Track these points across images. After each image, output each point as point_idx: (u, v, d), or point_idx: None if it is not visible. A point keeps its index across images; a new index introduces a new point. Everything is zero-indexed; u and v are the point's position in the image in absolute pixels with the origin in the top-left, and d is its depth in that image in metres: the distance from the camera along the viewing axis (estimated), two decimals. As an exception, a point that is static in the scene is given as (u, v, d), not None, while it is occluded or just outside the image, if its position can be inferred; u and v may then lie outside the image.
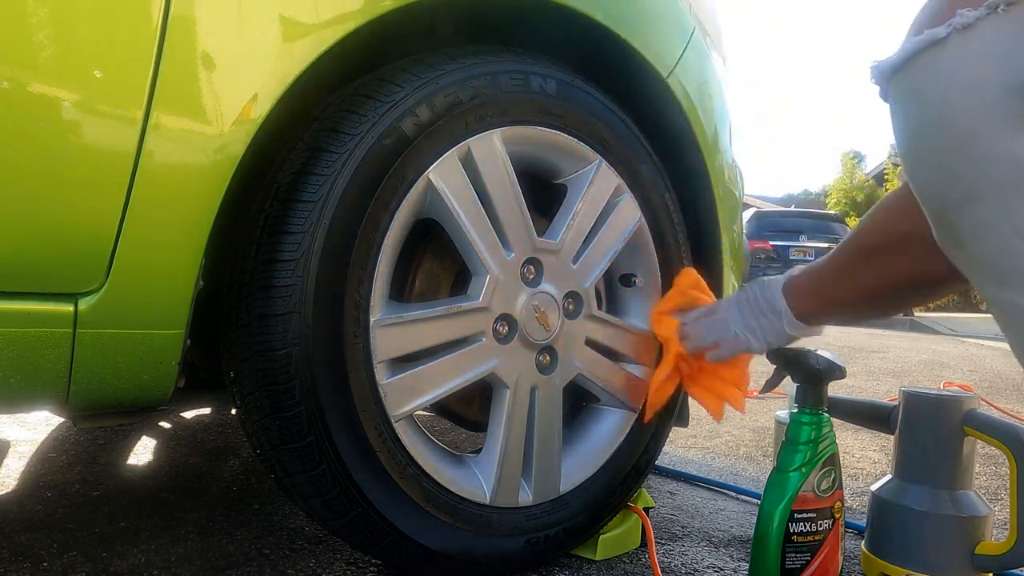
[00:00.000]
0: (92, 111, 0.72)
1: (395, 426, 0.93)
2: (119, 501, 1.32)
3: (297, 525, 1.23)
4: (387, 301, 0.93)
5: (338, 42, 0.84)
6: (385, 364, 0.92)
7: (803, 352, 1.04)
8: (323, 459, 0.87)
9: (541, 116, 1.03)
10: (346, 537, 0.95)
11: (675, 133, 1.22)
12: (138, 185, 0.74)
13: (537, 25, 1.09)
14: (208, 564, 1.05)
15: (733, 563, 1.18)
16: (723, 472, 1.80)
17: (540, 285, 1.04)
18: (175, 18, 0.74)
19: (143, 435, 1.83)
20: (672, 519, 1.40)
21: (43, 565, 1.03)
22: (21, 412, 1.37)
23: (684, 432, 2.24)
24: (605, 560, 1.15)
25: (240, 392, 0.90)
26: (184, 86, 0.76)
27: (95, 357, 0.75)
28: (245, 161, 0.80)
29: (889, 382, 3.48)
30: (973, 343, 5.87)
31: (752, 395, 2.93)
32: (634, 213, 1.15)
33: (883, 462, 1.95)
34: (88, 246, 0.73)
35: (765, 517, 0.99)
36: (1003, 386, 3.51)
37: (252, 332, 0.86)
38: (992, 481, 1.80)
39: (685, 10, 1.23)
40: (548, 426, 1.06)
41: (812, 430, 1.01)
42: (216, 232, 0.80)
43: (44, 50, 0.69)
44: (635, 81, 1.17)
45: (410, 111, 0.91)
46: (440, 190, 0.94)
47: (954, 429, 1.07)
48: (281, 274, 0.85)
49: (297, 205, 0.86)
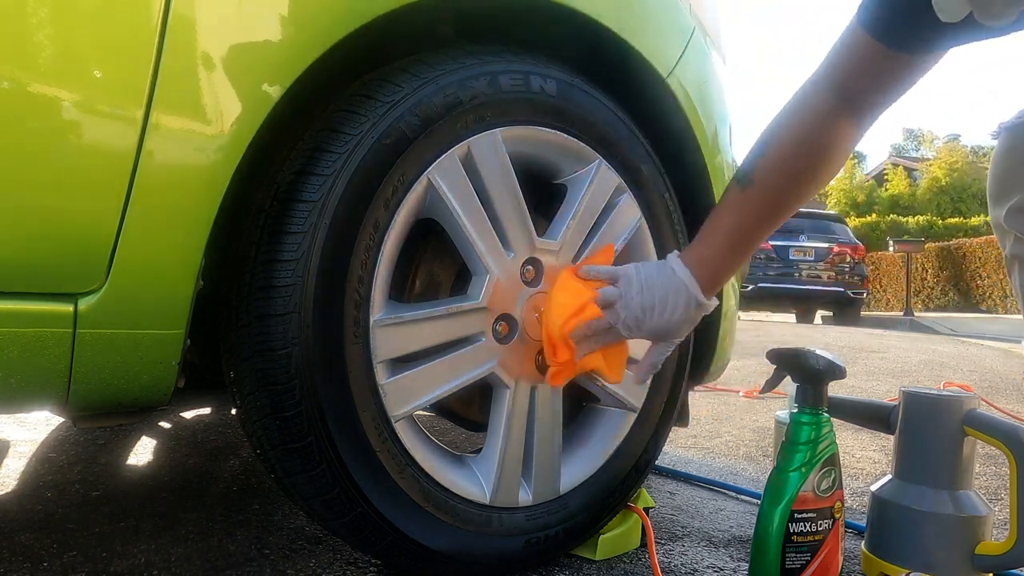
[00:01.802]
0: (92, 111, 0.72)
1: (395, 426, 0.93)
2: (119, 501, 1.32)
3: (297, 525, 1.23)
4: (387, 301, 0.93)
5: (338, 42, 0.84)
6: (385, 364, 0.92)
7: (803, 352, 1.04)
8: (323, 459, 0.87)
9: (541, 116, 1.03)
10: (346, 537, 0.95)
11: (675, 133, 1.22)
12: (138, 185, 0.74)
13: (537, 25, 1.09)
14: (208, 564, 1.05)
15: (733, 563, 1.18)
16: (723, 472, 1.80)
17: (540, 285, 1.04)
18: (175, 18, 0.74)
19: (143, 435, 1.83)
20: (672, 519, 1.40)
21: (43, 565, 1.03)
22: (21, 412, 1.37)
23: (684, 432, 2.24)
24: (605, 560, 1.15)
25: (240, 392, 0.90)
26: (184, 86, 0.76)
27: (95, 357, 0.75)
28: (245, 161, 0.80)
29: (889, 382, 3.48)
30: (973, 343, 5.86)
31: (752, 395, 2.95)
32: (634, 213, 1.15)
33: (883, 462, 1.95)
34: (88, 246, 0.73)
35: (765, 517, 0.99)
36: (1003, 386, 3.51)
37: (252, 332, 0.86)
38: (992, 481, 1.80)
39: (685, 10, 1.23)
40: (548, 426, 1.06)
41: (812, 430, 1.01)
42: (216, 232, 0.80)
43: (44, 50, 0.69)
44: (635, 81, 1.17)
45: (410, 111, 0.91)
46: (440, 190, 0.94)
47: (954, 429, 1.07)
48: (281, 274, 0.85)
49: (297, 205, 0.86)
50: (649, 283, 0.96)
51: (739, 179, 0.96)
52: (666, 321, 0.96)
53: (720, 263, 0.97)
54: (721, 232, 0.97)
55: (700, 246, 0.98)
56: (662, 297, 0.95)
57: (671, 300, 0.95)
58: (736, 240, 0.97)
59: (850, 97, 0.89)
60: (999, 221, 1.23)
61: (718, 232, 0.97)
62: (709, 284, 0.97)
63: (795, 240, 10.17)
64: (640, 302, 0.96)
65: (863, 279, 10.53)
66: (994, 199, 1.24)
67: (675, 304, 0.95)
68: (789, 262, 10.11)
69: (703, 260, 0.97)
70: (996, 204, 1.23)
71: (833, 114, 0.90)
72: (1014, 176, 1.19)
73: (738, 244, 0.97)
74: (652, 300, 0.95)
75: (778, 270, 10.06)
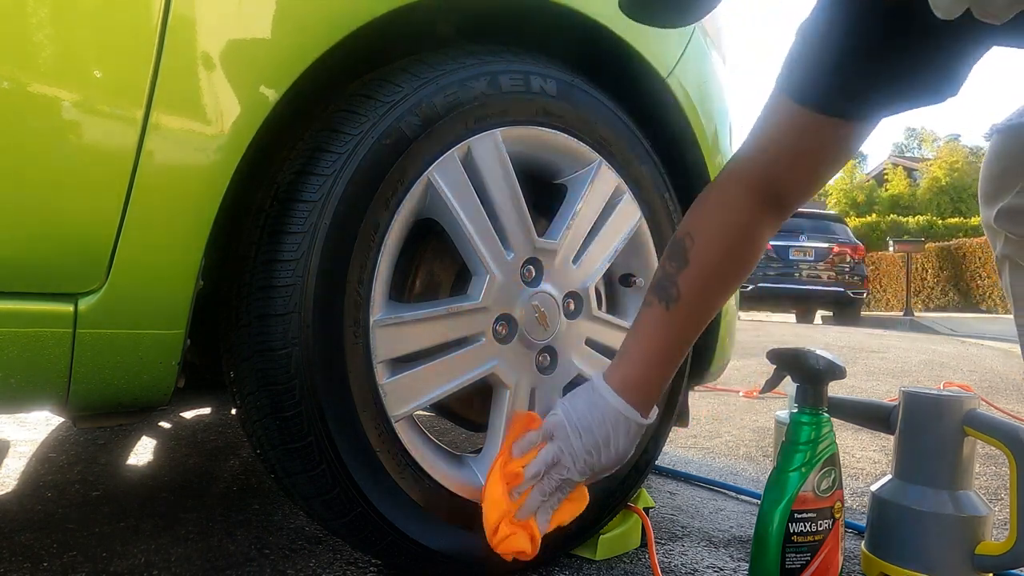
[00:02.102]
0: (92, 111, 0.72)
1: (395, 426, 0.93)
2: (119, 501, 1.32)
3: (297, 525, 1.23)
4: (387, 301, 0.93)
5: (339, 42, 0.84)
6: (385, 364, 0.92)
7: (803, 352, 1.04)
8: (323, 459, 0.87)
9: (541, 116, 1.03)
10: (346, 537, 0.95)
11: (675, 133, 1.22)
12: (138, 185, 0.74)
13: (537, 25, 1.09)
14: (208, 564, 1.05)
15: (733, 563, 1.18)
16: (723, 472, 1.80)
17: (540, 285, 1.04)
18: (175, 18, 0.74)
19: (143, 435, 1.83)
20: (672, 519, 1.40)
21: (43, 565, 1.03)
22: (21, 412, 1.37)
23: (684, 432, 2.24)
24: (605, 560, 1.15)
25: (240, 392, 0.90)
26: (184, 86, 0.76)
27: (95, 357, 0.75)
28: (245, 161, 0.80)
29: (889, 382, 3.48)
30: (973, 343, 5.86)
31: (752, 395, 2.95)
32: (634, 213, 1.15)
33: (883, 462, 1.95)
34: (88, 246, 0.73)
35: (765, 517, 0.99)
36: (1003, 386, 3.51)
37: (252, 332, 0.86)
38: (992, 481, 1.80)
39: (685, 10, 1.22)
40: (548, 426, 1.06)
41: (812, 430, 1.00)
42: (216, 232, 0.80)
43: (44, 50, 0.69)
44: (635, 81, 1.17)
45: (410, 111, 0.91)
46: (440, 190, 0.94)
47: (954, 429, 1.07)
48: (281, 274, 0.85)
49: (297, 205, 0.86)
50: (585, 423, 0.93)
51: (662, 296, 0.92)
52: (615, 453, 0.94)
53: (652, 383, 0.95)
54: (651, 352, 0.94)
55: (628, 369, 0.95)
56: (603, 434, 0.93)
57: (612, 433, 0.93)
58: (666, 358, 0.95)
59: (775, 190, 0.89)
60: (990, 222, 1.24)
61: (647, 352, 0.94)
62: (644, 404, 0.95)
63: (795, 240, 10.18)
64: (583, 445, 0.93)
65: (863, 279, 10.53)
66: (986, 200, 1.24)
67: (617, 435, 0.93)
68: (789, 262, 10.11)
69: (635, 384, 0.94)
70: (987, 205, 1.24)
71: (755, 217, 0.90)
72: (1006, 177, 1.19)
73: (668, 361, 0.95)
74: (594, 439, 0.92)
75: (778, 270, 10.06)
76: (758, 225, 0.92)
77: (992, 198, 1.22)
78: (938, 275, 16.03)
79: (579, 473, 0.94)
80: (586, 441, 0.93)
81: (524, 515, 0.94)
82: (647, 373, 0.95)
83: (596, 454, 0.93)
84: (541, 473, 0.94)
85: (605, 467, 0.95)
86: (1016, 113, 1.19)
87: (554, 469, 0.94)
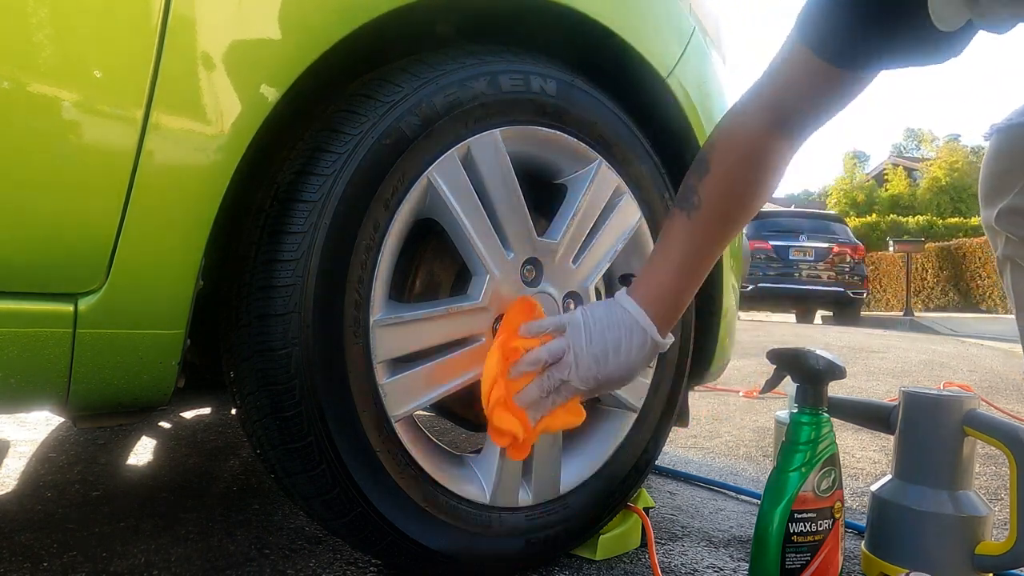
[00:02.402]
0: (92, 111, 0.72)
1: (395, 426, 0.93)
2: (119, 501, 1.32)
3: (297, 525, 1.23)
4: (387, 301, 0.93)
5: (338, 42, 0.84)
6: (385, 364, 0.92)
7: (803, 352, 1.04)
8: (323, 459, 0.87)
9: (541, 116, 1.03)
10: (346, 537, 0.95)
11: (675, 133, 1.22)
12: (138, 185, 0.74)
13: (537, 25, 1.09)
14: (208, 564, 1.05)
15: (733, 563, 1.18)
16: (723, 472, 1.80)
17: (540, 285, 1.04)
18: (175, 18, 0.74)
19: (143, 435, 1.83)
20: (672, 519, 1.40)
21: (43, 565, 1.03)
22: (21, 412, 1.37)
23: (684, 432, 2.24)
24: (605, 560, 1.15)
25: (240, 392, 0.90)
26: (184, 86, 0.76)
27: (95, 357, 0.75)
28: (245, 161, 0.80)
29: (889, 382, 3.48)
30: (973, 343, 5.86)
31: (752, 395, 2.95)
32: (634, 213, 1.15)
33: (883, 462, 1.95)
34: (88, 246, 0.73)
35: (765, 517, 0.99)
36: (1003, 386, 3.51)
37: (252, 332, 0.86)
38: (992, 481, 1.80)
39: (685, 10, 1.23)
40: (548, 426, 1.06)
41: (812, 430, 1.01)
42: (216, 232, 0.80)
43: (44, 50, 0.69)
44: (635, 81, 1.17)
45: (410, 111, 0.91)
46: (440, 190, 0.94)
47: (954, 429, 1.07)
48: (281, 274, 0.85)
49: (297, 205, 0.86)
50: (599, 328, 0.90)
51: (684, 206, 0.91)
52: (621, 365, 0.90)
53: (674, 296, 0.92)
54: (673, 262, 0.92)
55: (650, 280, 0.92)
56: (615, 341, 0.89)
57: (625, 342, 0.89)
58: (688, 268, 0.92)
59: (785, 117, 0.89)
60: (990, 222, 1.24)
61: (669, 262, 0.92)
62: (664, 321, 0.92)
63: (795, 240, 10.18)
64: (591, 351, 0.89)
65: (863, 279, 10.53)
66: (986, 200, 1.24)
67: (629, 346, 0.89)
68: (789, 262, 10.12)
69: (656, 295, 0.91)
70: (988, 205, 1.24)
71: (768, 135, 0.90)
72: (1005, 177, 1.20)
73: (690, 273, 0.93)
74: (605, 346, 0.89)
75: (778, 270, 10.07)
76: (771, 140, 0.91)
77: (992, 198, 1.23)
78: (938, 275, 16.04)
79: (580, 380, 0.90)
80: (596, 346, 0.89)
81: (520, 403, 0.91)
82: (668, 283, 0.92)
83: (603, 361, 0.89)
84: (541, 361, 0.90)
85: (610, 378, 0.91)
86: (1016, 113, 1.19)
87: (555, 367, 0.90)
